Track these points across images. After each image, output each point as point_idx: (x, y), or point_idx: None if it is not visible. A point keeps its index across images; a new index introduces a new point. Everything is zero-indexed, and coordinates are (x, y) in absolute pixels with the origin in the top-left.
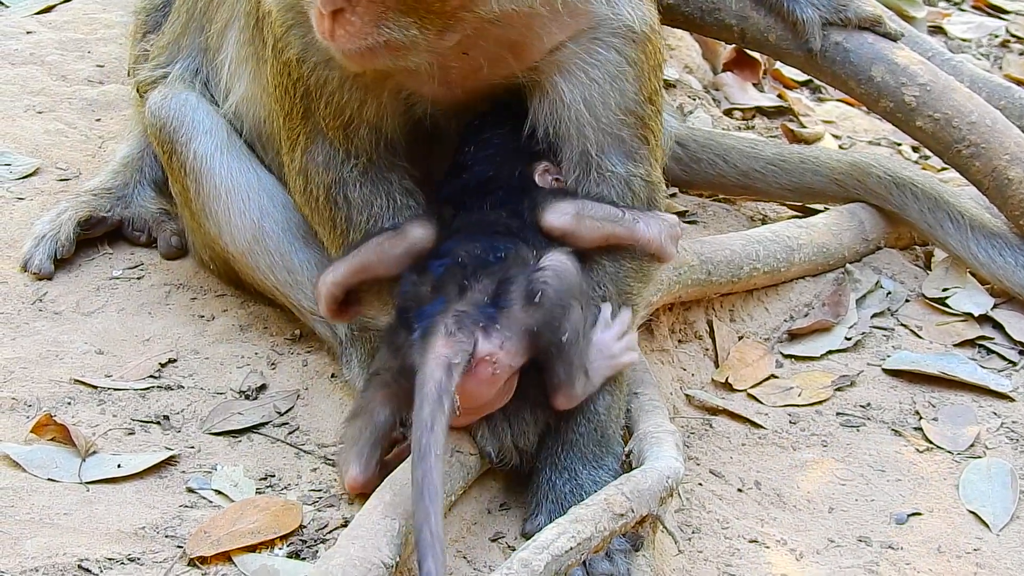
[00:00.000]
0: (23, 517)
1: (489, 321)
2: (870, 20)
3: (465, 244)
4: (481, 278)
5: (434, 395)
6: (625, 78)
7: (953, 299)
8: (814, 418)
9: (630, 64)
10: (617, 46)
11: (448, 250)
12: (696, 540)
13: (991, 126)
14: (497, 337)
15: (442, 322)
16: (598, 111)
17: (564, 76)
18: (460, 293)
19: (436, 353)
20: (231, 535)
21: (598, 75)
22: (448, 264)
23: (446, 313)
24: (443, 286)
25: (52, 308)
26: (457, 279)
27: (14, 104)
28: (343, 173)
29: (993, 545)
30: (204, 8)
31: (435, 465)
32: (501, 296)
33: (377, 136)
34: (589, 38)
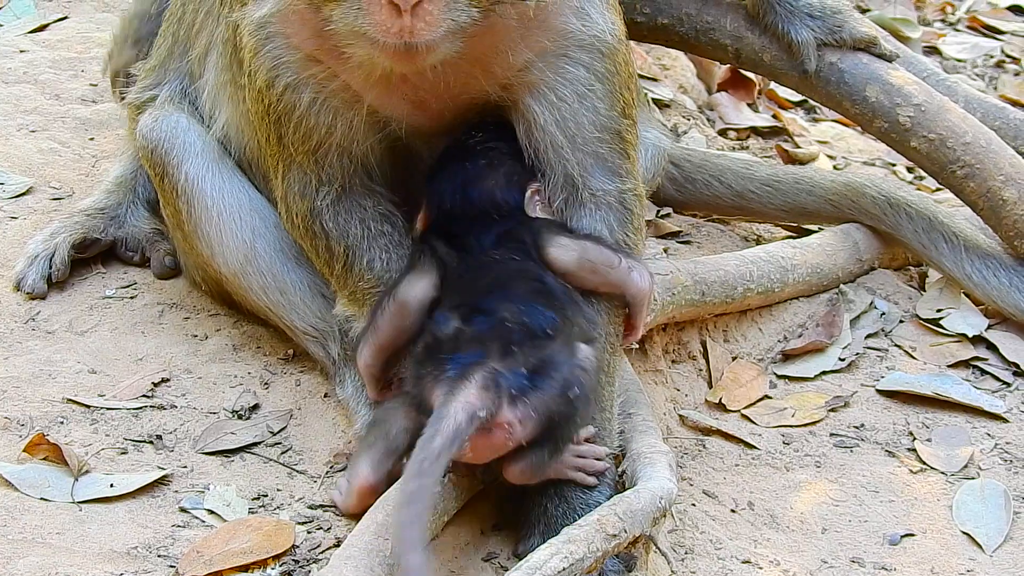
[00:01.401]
0: (15, 536)
1: (521, 393)
2: (865, 41)
3: (507, 304)
4: (526, 348)
5: (450, 434)
6: (596, 94)
7: (947, 320)
8: (808, 439)
9: (599, 80)
10: (585, 62)
11: (491, 308)
12: (689, 561)
13: (986, 147)
14: (522, 410)
15: (479, 373)
16: (572, 131)
17: (535, 97)
18: (502, 355)
19: (466, 399)
20: (224, 555)
21: (567, 94)
22: (494, 324)
23: (484, 367)
24: (485, 342)
25: (45, 327)
26: (503, 340)
27: (7, 123)
28: (316, 202)
29: (987, 566)
30: (186, 33)
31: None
32: (540, 375)
33: (349, 161)
34: (557, 55)
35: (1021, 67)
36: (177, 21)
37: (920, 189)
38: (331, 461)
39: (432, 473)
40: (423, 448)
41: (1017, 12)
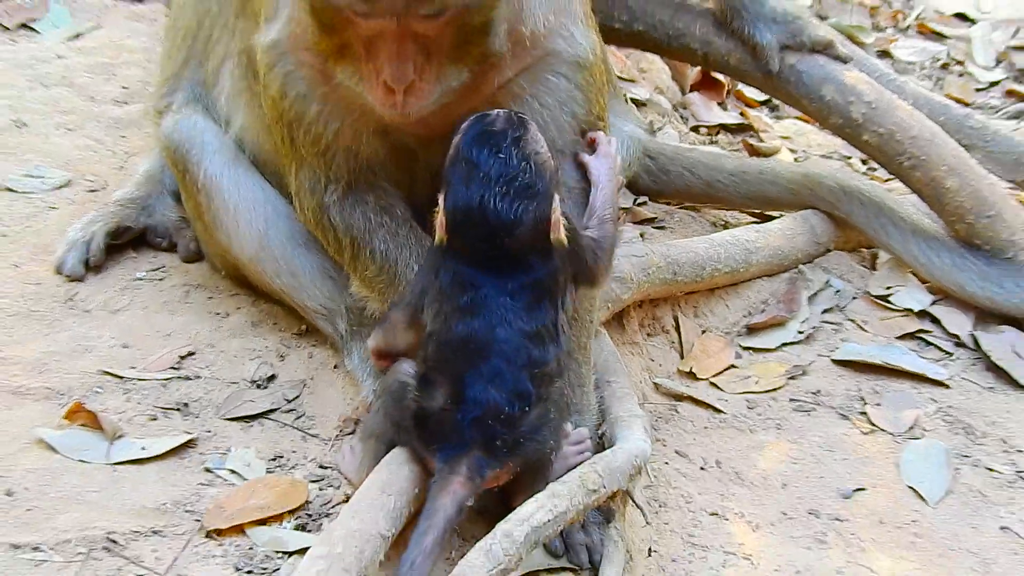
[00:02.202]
0: (56, 495)
1: (502, 462)
2: (822, 44)
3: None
4: (505, 434)
5: (441, 527)
6: (575, 101)
7: (895, 296)
8: (769, 404)
9: (579, 88)
10: (567, 74)
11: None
12: (662, 513)
13: (931, 140)
14: (504, 470)
15: (464, 464)
16: (554, 133)
17: (518, 105)
18: (485, 447)
19: (454, 491)
20: (244, 510)
21: (551, 101)
22: (477, 416)
23: (469, 457)
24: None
25: (82, 306)
26: (485, 435)
27: (47, 122)
28: (325, 198)
29: (930, 517)
30: (203, 46)
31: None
32: (519, 447)
33: (355, 161)
34: (543, 69)
35: (964, 69)
36: (194, 34)
37: (872, 179)
38: (340, 425)
39: (424, 567)
40: (417, 544)
41: (961, 19)
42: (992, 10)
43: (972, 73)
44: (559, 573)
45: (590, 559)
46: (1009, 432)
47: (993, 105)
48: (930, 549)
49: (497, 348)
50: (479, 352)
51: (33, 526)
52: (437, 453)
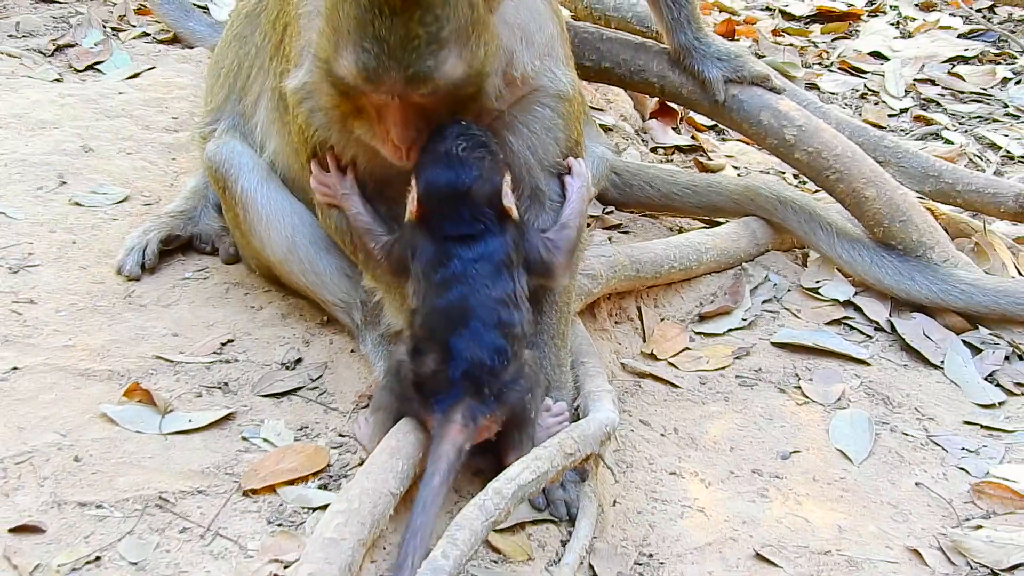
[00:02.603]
0: (117, 460)
1: (492, 411)
2: (760, 78)
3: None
4: (491, 383)
5: (444, 471)
6: (558, 128)
7: (824, 288)
8: (718, 380)
9: (561, 117)
10: (551, 105)
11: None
12: (629, 473)
13: (852, 157)
14: (493, 419)
15: (459, 412)
16: (540, 155)
17: (511, 131)
18: (475, 393)
19: (452, 439)
20: (275, 472)
21: (537, 128)
22: (465, 368)
23: (462, 405)
24: (460, 384)
25: (139, 302)
26: (473, 383)
27: (110, 147)
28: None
29: (855, 475)
30: (242, 83)
31: (431, 520)
32: (503, 395)
33: (370, 179)
34: (530, 102)
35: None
36: (234, 75)
37: (803, 190)
38: (356, 401)
39: (434, 506)
40: (426, 486)
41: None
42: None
43: (886, 102)
44: (542, 524)
45: (568, 512)
46: (921, 402)
47: (903, 128)
48: (856, 502)
49: (473, 313)
50: (459, 318)
51: (97, 487)
52: (435, 407)
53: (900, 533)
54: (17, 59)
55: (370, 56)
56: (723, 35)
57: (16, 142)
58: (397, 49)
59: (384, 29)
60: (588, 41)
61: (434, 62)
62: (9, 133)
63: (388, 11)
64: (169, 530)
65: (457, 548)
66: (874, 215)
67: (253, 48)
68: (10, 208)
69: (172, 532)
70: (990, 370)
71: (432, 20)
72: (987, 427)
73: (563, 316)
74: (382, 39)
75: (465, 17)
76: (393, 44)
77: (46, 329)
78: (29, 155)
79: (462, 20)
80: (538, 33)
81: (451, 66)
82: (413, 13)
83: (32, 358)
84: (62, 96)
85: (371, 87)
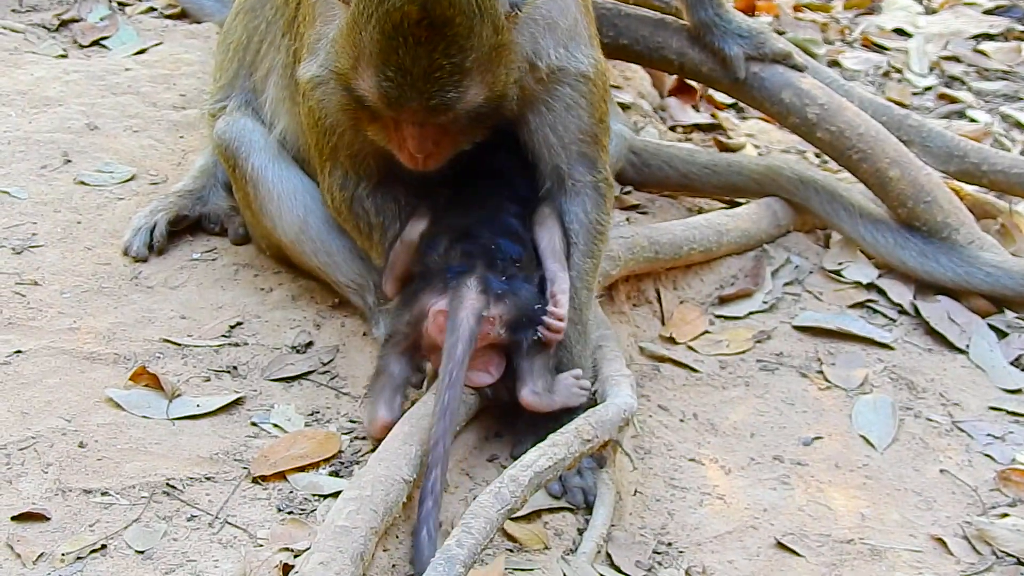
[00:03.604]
0: (123, 446)
1: (502, 293)
2: (782, 55)
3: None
4: (504, 263)
5: (467, 337)
6: (580, 107)
7: (846, 271)
8: (739, 364)
9: (583, 96)
10: (572, 84)
11: (478, 234)
12: (647, 459)
13: (875, 136)
14: (503, 307)
15: (474, 278)
16: (561, 134)
17: (533, 111)
18: (488, 266)
19: (470, 303)
20: (285, 459)
21: (558, 107)
22: (479, 244)
23: (476, 274)
24: (472, 257)
25: (146, 283)
26: (487, 255)
27: (116, 125)
28: (356, 191)
29: (878, 461)
30: (252, 59)
31: (458, 395)
32: (515, 282)
33: (384, 161)
34: (551, 82)
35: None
36: (243, 49)
37: (825, 170)
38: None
39: (460, 379)
40: (449, 357)
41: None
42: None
43: (909, 80)
44: (558, 512)
45: (585, 500)
46: (945, 387)
47: (928, 107)
48: (879, 489)
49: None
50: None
51: (103, 474)
52: (447, 276)
53: (924, 521)
54: (21, 34)
55: (392, 85)
56: (743, 11)
57: (20, 119)
58: (420, 80)
59: (408, 59)
60: (606, 17)
61: (457, 93)
62: (13, 110)
63: (413, 41)
64: (177, 518)
65: (472, 537)
66: (898, 195)
67: (263, 22)
68: (13, 187)
69: (180, 520)
70: (1016, 354)
71: (457, 51)
72: (1013, 413)
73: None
74: (405, 69)
75: (490, 44)
76: (416, 74)
77: (50, 311)
78: (33, 133)
79: (486, 47)
80: (561, 19)
81: (473, 95)
82: (438, 44)
83: (36, 341)
84: (67, 72)
85: (391, 113)
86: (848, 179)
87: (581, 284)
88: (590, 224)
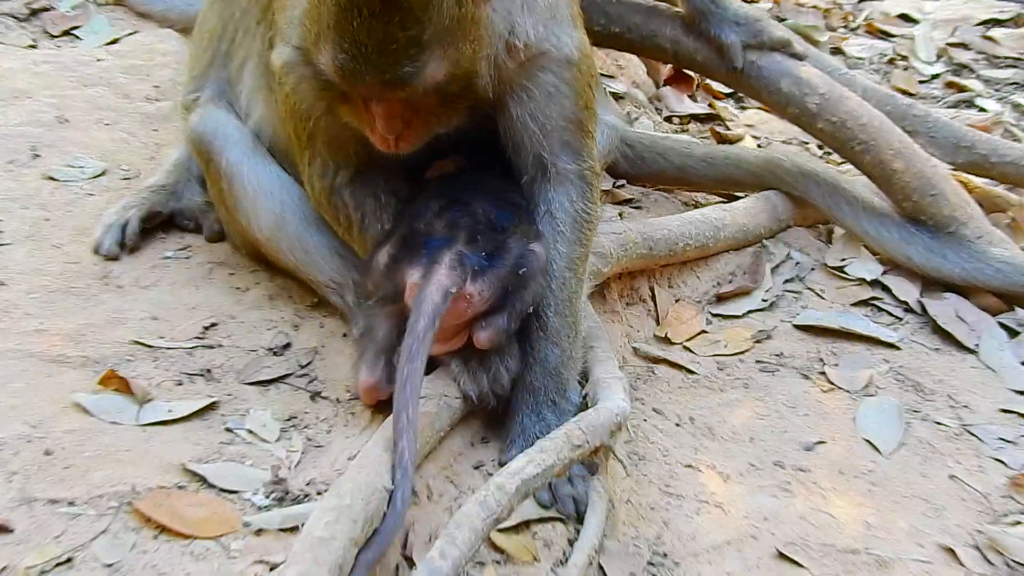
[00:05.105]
0: (91, 453)
1: (481, 270)
2: (781, 43)
3: (482, 203)
4: (487, 235)
5: (429, 314)
6: (563, 94)
7: (850, 267)
8: (737, 365)
9: (565, 82)
10: (555, 70)
11: (468, 201)
12: (642, 466)
13: (878, 127)
14: (481, 284)
15: (448, 255)
16: (542, 122)
17: (512, 97)
18: (468, 240)
19: (439, 280)
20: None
21: (539, 94)
22: (466, 214)
23: (452, 249)
24: (455, 228)
25: (116, 283)
26: (469, 228)
27: (87, 118)
28: (335, 181)
29: (884, 467)
30: (227, 47)
31: (419, 368)
32: (497, 257)
33: (363, 149)
34: (532, 67)
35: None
36: (218, 38)
37: (827, 162)
38: (349, 387)
39: (421, 353)
40: (411, 332)
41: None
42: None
43: (915, 67)
44: (548, 522)
45: (576, 509)
46: (954, 389)
47: (935, 96)
48: (885, 496)
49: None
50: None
51: (69, 482)
52: (422, 254)
53: (933, 530)
54: None
55: (347, 58)
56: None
57: None
58: (374, 53)
59: (363, 32)
60: (596, 4)
61: (413, 67)
62: None
63: (367, 13)
64: (147, 529)
65: (456, 548)
66: (903, 188)
67: (238, 10)
68: None
69: (150, 531)
70: None
71: (413, 23)
72: None
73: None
74: (360, 41)
75: (451, 16)
76: (371, 47)
77: (16, 312)
78: (0, 126)
79: (447, 20)
80: None
81: (433, 69)
82: (393, 16)
83: (1, 343)
84: (36, 63)
85: (349, 87)
86: (851, 171)
87: (571, 272)
88: (577, 213)
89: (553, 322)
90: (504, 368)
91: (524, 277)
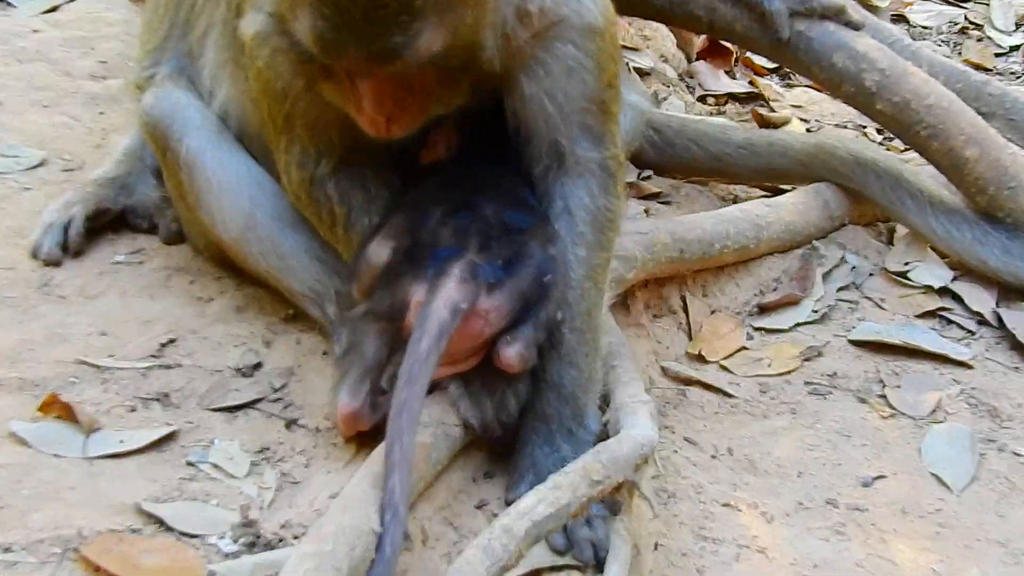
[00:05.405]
0: (30, 492)
1: (497, 282)
2: (833, 10)
3: (491, 203)
4: (502, 241)
5: (435, 332)
6: (585, 68)
7: (914, 272)
8: (783, 387)
9: (588, 55)
10: (575, 40)
11: (475, 203)
12: (672, 504)
13: (948, 108)
14: (498, 298)
15: (458, 267)
16: (560, 101)
17: (525, 73)
18: (480, 248)
19: (447, 294)
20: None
21: (557, 69)
22: (475, 218)
23: (462, 260)
24: (465, 236)
25: (58, 292)
26: (480, 234)
27: (21, 99)
28: (317, 171)
29: (954, 505)
30: (186, 15)
31: (419, 393)
32: (516, 265)
33: (348, 133)
34: (549, 37)
35: (983, 33)
36: (177, 4)
37: (890, 150)
38: (328, 415)
39: (423, 377)
40: (412, 352)
41: None
42: None
43: (991, 37)
44: (562, 570)
45: (595, 555)
46: None
47: (1014, 71)
48: (955, 539)
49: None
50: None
51: (5, 525)
52: (429, 264)
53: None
54: None
55: (328, 25)
56: None
57: None
58: (360, 20)
59: None
60: None
61: (404, 37)
62: None
63: None
64: None
65: None
66: (976, 180)
67: None
68: None
69: None
70: None
71: None
72: None
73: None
74: (342, 7)
75: None
76: (356, 13)
77: None
78: None
79: None
80: None
81: (427, 40)
82: None
83: None
84: None
85: (331, 60)
86: (916, 160)
87: (590, 282)
88: (598, 210)
89: (569, 339)
90: (512, 392)
91: (547, 286)
